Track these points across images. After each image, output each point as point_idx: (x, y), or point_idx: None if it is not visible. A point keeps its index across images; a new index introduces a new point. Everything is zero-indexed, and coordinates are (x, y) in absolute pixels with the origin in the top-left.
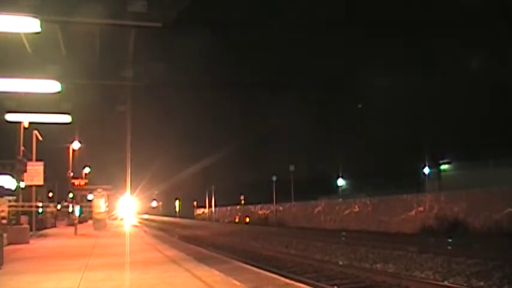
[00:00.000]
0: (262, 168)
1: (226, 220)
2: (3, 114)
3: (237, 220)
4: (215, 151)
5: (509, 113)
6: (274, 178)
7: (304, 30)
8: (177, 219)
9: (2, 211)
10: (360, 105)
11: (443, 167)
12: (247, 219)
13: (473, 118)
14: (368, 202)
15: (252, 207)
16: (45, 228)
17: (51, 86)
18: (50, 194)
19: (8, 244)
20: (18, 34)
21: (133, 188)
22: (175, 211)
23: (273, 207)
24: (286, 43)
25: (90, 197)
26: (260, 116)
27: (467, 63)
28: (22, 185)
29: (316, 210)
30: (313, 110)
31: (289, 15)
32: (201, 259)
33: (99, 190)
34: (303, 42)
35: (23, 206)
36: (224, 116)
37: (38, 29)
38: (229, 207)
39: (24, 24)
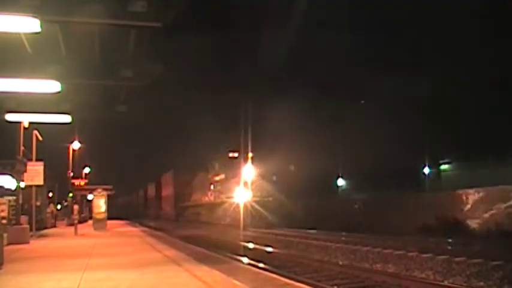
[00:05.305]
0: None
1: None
2: (3, 114)
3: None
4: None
5: (509, 112)
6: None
7: (303, 30)
8: None
9: (2, 211)
10: (362, 102)
11: (443, 167)
12: None
13: (473, 118)
14: (368, 202)
15: None
16: (45, 228)
17: (51, 86)
18: (50, 194)
19: (8, 244)
20: (18, 34)
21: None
22: None
23: None
24: (285, 42)
25: (90, 197)
26: (260, 116)
27: (467, 62)
28: (22, 185)
29: None
30: (312, 109)
31: (289, 15)
32: (201, 259)
33: (99, 190)
34: (302, 41)
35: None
36: (222, 116)
37: (38, 29)
38: None
39: (24, 24)
